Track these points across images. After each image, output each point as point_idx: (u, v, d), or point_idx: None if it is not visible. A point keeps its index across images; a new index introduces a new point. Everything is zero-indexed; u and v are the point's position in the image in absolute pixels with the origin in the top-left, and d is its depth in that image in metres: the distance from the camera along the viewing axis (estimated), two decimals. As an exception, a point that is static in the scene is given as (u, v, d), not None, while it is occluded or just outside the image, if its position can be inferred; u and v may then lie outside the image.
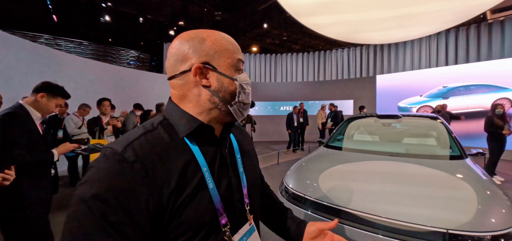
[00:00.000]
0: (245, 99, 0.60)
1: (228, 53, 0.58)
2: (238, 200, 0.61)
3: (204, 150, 0.57)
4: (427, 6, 4.80)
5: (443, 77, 7.95)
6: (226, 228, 0.55)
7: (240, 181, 0.64)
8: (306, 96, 10.64)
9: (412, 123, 3.02)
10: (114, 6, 8.97)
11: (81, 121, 4.16)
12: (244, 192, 0.64)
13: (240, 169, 0.65)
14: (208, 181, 0.54)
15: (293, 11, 5.63)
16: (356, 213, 1.45)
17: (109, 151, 0.47)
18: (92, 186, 0.43)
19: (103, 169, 0.45)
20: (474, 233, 1.20)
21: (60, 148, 1.71)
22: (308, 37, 11.34)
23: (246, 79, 0.60)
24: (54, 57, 5.72)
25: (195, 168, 0.53)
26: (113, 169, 0.45)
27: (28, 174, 1.47)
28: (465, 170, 1.86)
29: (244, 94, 0.59)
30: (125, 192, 0.43)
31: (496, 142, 4.52)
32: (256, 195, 0.70)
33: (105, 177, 0.44)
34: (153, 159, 0.48)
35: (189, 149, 0.54)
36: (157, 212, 0.46)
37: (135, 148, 0.48)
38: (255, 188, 0.70)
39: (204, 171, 0.54)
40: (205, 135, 0.58)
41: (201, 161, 0.54)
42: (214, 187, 0.54)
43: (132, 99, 7.33)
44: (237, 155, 0.66)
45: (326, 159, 2.42)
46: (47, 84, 1.65)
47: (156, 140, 0.52)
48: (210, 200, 0.53)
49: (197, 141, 0.56)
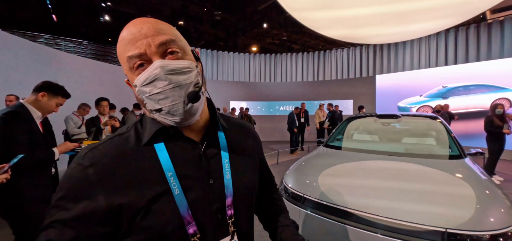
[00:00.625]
0: (153, 105, 0.48)
1: (121, 58, 0.49)
2: (216, 210, 0.54)
3: (174, 153, 0.52)
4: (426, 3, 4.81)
5: (443, 77, 7.96)
6: (194, 238, 0.49)
7: (224, 189, 0.56)
8: (306, 96, 10.64)
9: (411, 122, 3.03)
10: (114, 6, 8.97)
11: (80, 121, 4.15)
12: (228, 201, 0.56)
13: (226, 176, 0.57)
14: (173, 187, 0.49)
15: (292, 9, 5.63)
16: (355, 213, 1.45)
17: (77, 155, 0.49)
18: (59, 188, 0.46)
19: (67, 172, 0.47)
20: (473, 232, 1.20)
21: (60, 146, 1.72)
22: (308, 37, 11.35)
23: (146, 78, 0.46)
24: (53, 57, 5.72)
25: (159, 173, 0.49)
26: (70, 173, 0.46)
27: (29, 172, 1.48)
28: (464, 170, 1.86)
29: (150, 99, 0.47)
30: (76, 195, 0.44)
31: (496, 141, 4.53)
32: (246, 205, 0.61)
33: (65, 181, 0.46)
34: (108, 165, 0.47)
35: (154, 153, 0.50)
36: (109, 217, 0.45)
37: (95, 153, 0.47)
38: (245, 197, 0.60)
39: (169, 176, 0.49)
40: (175, 137, 0.53)
41: (166, 166, 0.49)
42: (181, 193, 0.49)
43: (132, 99, 7.33)
44: (223, 160, 0.58)
45: (325, 158, 2.43)
46: (48, 84, 1.65)
47: (121, 144, 0.50)
48: (175, 207, 0.48)
49: (167, 143, 0.52)
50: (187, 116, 0.50)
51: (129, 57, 0.47)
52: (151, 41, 0.46)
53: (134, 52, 0.46)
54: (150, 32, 0.47)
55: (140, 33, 0.46)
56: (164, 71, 0.45)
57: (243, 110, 8.64)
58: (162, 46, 0.47)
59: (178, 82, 0.47)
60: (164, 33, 0.48)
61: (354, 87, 10.19)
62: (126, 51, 0.47)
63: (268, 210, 0.78)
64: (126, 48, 0.47)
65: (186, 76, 0.48)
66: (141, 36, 0.46)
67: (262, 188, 0.75)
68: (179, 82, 0.47)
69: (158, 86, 0.46)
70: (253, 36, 11.68)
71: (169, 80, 0.46)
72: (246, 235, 0.61)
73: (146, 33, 0.47)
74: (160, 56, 0.47)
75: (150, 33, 0.47)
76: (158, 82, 0.46)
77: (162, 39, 0.47)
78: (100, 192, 0.44)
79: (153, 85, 0.46)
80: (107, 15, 9.79)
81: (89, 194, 0.44)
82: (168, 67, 0.46)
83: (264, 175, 0.76)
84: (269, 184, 0.81)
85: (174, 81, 0.46)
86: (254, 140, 0.71)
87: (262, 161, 0.76)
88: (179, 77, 0.47)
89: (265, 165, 0.78)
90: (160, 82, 0.46)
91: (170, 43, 0.48)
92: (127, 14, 9.56)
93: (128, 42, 0.47)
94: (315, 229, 1.60)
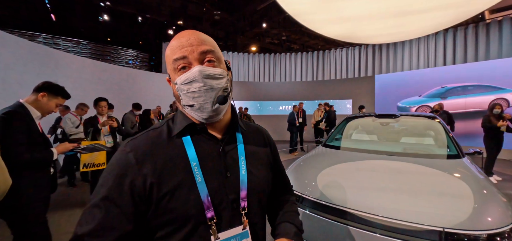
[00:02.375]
0: (188, 101, 0.57)
1: (168, 60, 0.59)
2: (232, 201, 0.60)
3: (199, 147, 0.60)
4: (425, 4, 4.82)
5: (442, 77, 7.98)
6: (212, 222, 0.56)
7: (239, 182, 0.62)
8: (305, 96, 10.65)
9: (410, 122, 3.04)
10: (113, 6, 8.94)
11: (78, 120, 4.14)
12: (242, 194, 0.62)
13: (242, 171, 0.63)
14: (196, 175, 0.56)
15: (292, 10, 5.63)
16: (354, 212, 1.46)
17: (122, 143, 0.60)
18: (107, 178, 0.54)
19: (113, 158, 0.56)
20: (470, 231, 1.21)
21: (59, 147, 1.72)
22: (307, 36, 11.36)
23: (186, 78, 0.56)
24: (52, 57, 5.70)
25: (185, 162, 0.57)
26: (115, 158, 0.56)
27: (27, 172, 1.47)
28: (462, 169, 1.87)
29: (186, 96, 0.57)
30: (119, 176, 0.53)
31: (493, 140, 4.55)
32: (258, 201, 0.66)
33: (111, 163, 0.56)
34: (145, 151, 0.56)
35: (182, 144, 0.59)
36: (142, 195, 0.53)
37: (135, 142, 0.58)
38: (258, 194, 0.66)
39: (193, 165, 0.57)
40: (201, 133, 0.62)
41: (191, 156, 0.58)
42: (203, 181, 0.57)
43: (131, 98, 7.31)
44: (240, 157, 0.65)
45: (324, 158, 2.43)
46: (48, 84, 1.65)
47: (155, 136, 0.60)
48: (197, 193, 0.55)
49: (193, 138, 0.61)
50: (213, 115, 0.59)
51: (175, 59, 0.57)
52: (195, 49, 0.56)
53: (179, 55, 0.56)
54: (195, 42, 0.57)
55: (187, 42, 0.57)
56: (201, 75, 0.55)
57: (242, 109, 8.64)
58: (202, 54, 0.57)
59: (211, 85, 0.57)
60: (206, 44, 0.58)
61: (354, 87, 10.21)
62: (173, 55, 0.57)
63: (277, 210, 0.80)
64: (174, 52, 0.57)
65: (218, 81, 0.58)
66: (187, 44, 0.57)
67: (275, 190, 0.79)
68: (212, 85, 0.57)
69: (194, 86, 0.56)
70: (252, 36, 11.68)
71: (204, 83, 0.56)
72: (257, 227, 0.66)
73: (191, 42, 0.57)
74: (199, 63, 0.57)
75: (194, 43, 0.57)
76: (195, 83, 0.56)
77: (203, 49, 0.57)
78: (138, 172, 0.54)
79: (190, 84, 0.56)
80: (106, 15, 9.76)
81: (130, 173, 0.53)
82: (205, 72, 0.56)
83: (278, 178, 0.80)
84: (283, 187, 0.84)
85: (208, 84, 0.56)
86: (269, 144, 0.78)
87: (277, 165, 0.80)
88: (212, 81, 0.57)
89: (279, 169, 0.82)
90: (196, 83, 0.55)
91: (209, 53, 0.58)
92: (126, 13, 9.53)
93: (176, 48, 0.57)
94: (314, 228, 1.60)
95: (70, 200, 3.60)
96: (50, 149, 1.63)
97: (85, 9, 9.30)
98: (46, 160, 1.57)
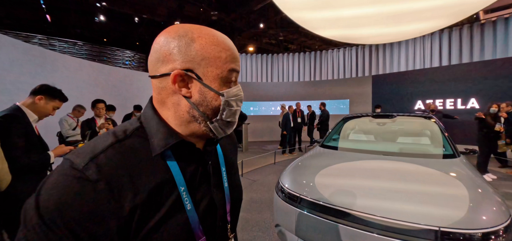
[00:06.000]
0: (229, 117, 0.52)
1: (218, 63, 0.48)
2: (220, 218, 0.57)
3: (183, 166, 0.50)
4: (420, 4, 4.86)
5: (438, 77, 8.06)
6: None
7: (224, 197, 0.59)
8: (303, 96, 10.68)
9: (406, 122, 3.07)
10: (109, 6, 8.89)
11: (75, 122, 4.11)
12: (227, 208, 0.59)
13: (225, 183, 0.60)
14: (185, 202, 0.48)
15: (288, 9, 5.64)
16: (351, 212, 1.47)
17: (68, 165, 0.40)
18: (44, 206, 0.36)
19: (59, 187, 0.37)
20: (465, 230, 1.23)
21: (56, 150, 1.70)
22: (304, 37, 11.39)
23: (237, 94, 0.51)
24: (48, 58, 5.65)
25: (171, 188, 0.47)
26: (70, 190, 0.37)
27: (24, 176, 1.46)
28: (458, 169, 1.90)
29: (230, 111, 0.51)
30: (83, 219, 0.37)
31: (486, 139, 4.59)
32: (237, 211, 0.66)
33: (61, 198, 0.36)
34: (121, 177, 0.41)
35: (166, 165, 0.48)
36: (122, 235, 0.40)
37: (100, 163, 0.41)
38: (237, 203, 0.65)
39: (181, 191, 0.48)
40: (185, 148, 0.51)
41: (178, 180, 0.48)
42: (192, 208, 0.49)
43: (128, 100, 7.28)
44: (222, 168, 0.61)
45: (321, 158, 2.44)
46: (45, 87, 1.64)
47: (127, 153, 0.44)
48: (187, 222, 0.48)
49: (175, 155, 0.50)
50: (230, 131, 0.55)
51: (233, 70, 0.51)
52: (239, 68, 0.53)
53: (236, 67, 0.51)
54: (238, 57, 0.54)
55: (237, 55, 0.53)
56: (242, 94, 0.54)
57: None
58: None
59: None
60: None
61: (351, 87, 10.26)
62: (231, 64, 0.50)
63: None
64: (231, 61, 0.50)
65: None
66: (238, 57, 0.53)
67: None
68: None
69: (238, 104, 0.53)
70: (250, 36, 11.68)
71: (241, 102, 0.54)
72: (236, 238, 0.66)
73: (238, 57, 0.53)
74: None
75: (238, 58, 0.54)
76: (239, 102, 0.53)
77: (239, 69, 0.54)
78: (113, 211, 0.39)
79: (237, 101, 0.52)
80: (102, 15, 9.70)
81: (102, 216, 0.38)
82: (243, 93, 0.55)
83: None
84: None
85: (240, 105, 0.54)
86: (235, 147, 0.75)
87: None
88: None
89: None
90: (240, 102, 0.54)
91: None
92: (122, 14, 9.48)
93: (233, 58, 0.51)
94: (312, 229, 1.61)
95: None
96: (47, 152, 1.62)
97: (81, 9, 9.23)
98: (43, 163, 1.56)
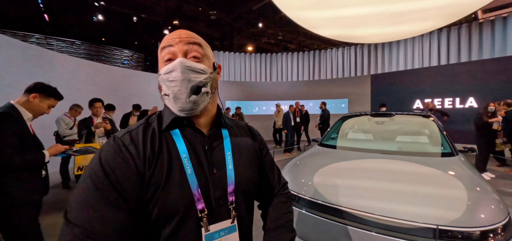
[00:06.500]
0: (165, 90, 0.59)
1: (159, 53, 0.61)
2: (218, 197, 0.61)
3: (189, 141, 0.62)
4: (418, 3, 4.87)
5: (437, 76, 8.06)
6: (202, 214, 0.57)
7: (226, 178, 0.63)
8: (302, 95, 10.68)
9: (404, 121, 3.06)
10: (107, 5, 8.85)
11: (72, 122, 4.09)
12: (230, 189, 0.63)
13: (229, 166, 0.65)
14: (186, 167, 0.58)
15: (286, 8, 5.64)
16: (350, 211, 1.46)
17: (113, 137, 0.58)
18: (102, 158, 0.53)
19: (108, 149, 0.55)
20: (464, 228, 1.22)
21: (51, 148, 1.68)
22: (303, 36, 11.39)
23: (167, 69, 0.57)
24: (45, 57, 5.61)
25: (176, 154, 0.59)
26: (113, 150, 0.55)
27: (18, 175, 1.45)
28: (456, 167, 1.89)
29: (164, 85, 0.59)
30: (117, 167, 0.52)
31: (484, 138, 4.60)
32: (244, 196, 0.67)
33: (107, 155, 0.54)
34: (138, 139, 0.57)
35: (172, 138, 0.61)
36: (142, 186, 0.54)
37: (132, 135, 0.58)
38: (244, 188, 0.67)
39: (183, 157, 0.58)
40: (189, 127, 0.64)
41: (181, 149, 0.59)
42: (193, 173, 0.58)
43: (126, 99, 7.25)
44: (226, 152, 0.66)
45: (320, 157, 2.44)
46: (40, 85, 1.62)
47: (148, 130, 0.61)
48: (186, 182, 0.57)
49: (182, 132, 0.62)
50: (188, 106, 0.59)
51: (162, 47, 0.60)
52: (182, 40, 0.59)
53: (166, 43, 0.59)
54: (183, 34, 0.60)
55: (176, 34, 0.60)
56: (181, 66, 0.56)
57: (239, 111, 8.65)
58: (188, 45, 0.59)
59: (189, 77, 0.57)
60: (195, 39, 0.61)
61: (349, 86, 10.27)
62: (161, 45, 0.60)
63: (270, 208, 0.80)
64: (161, 44, 0.60)
65: (197, 76, 0.58)
66: (176, 36, 0.60)
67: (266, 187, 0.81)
68: (189, 78, 0.57)
69: (173, 75, 0.57)
70: (249, 35, 11.67)
71: (182, 73, 0.56)
72: (244, 222, 0.67)
73: (180, 34, 0.60)
74: (184, 56, 0.59)
75: (183, 35, 0.60)
76: (174, 73, 0.56)
77: (190, 40, 0.60)
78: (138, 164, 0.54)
79: (170, 74, 0.57)
80: (100, 15, 9.66)
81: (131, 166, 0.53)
82: (186, 63, 0.57)
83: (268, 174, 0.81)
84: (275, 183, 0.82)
85: (186, 76, 0.57)
86: (257, 141, 0.79)
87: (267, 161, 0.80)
88: (191, 74, 0.58)
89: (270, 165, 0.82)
90: (175, 73, 0.56)
91: (195, 46, 0.60)
92: (120, 13, 9.45)
93: (165, 39, 0.60)
94: (310, 228, 1.60)
95: (64, 203, 3.55)
96: (42, 151, 1.60)
97: (79, 8, 9.19)
98: (38, 162, 1.54)
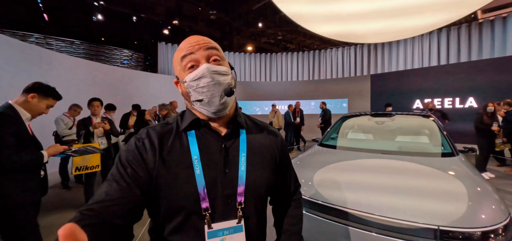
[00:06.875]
0: (197, 96, 0.62)
1: (177, 61, 0.64)
2: (227, 196, 0.62)
3: (202, 142, 0.65)
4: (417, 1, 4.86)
5: (436, 76, 8.06)
6: (206, 213, 0.59)
7: (237, 179, 0.64)
8: (301, 95, 10.67)
9: (405, 121, 3.06)
10: (107, 5, 8.84)
11: (71, 122, 4.08)
12: (239, 189, 0.63)
13: (241, 167, 0.65)
14: (195, 168, 0.61)
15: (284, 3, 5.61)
16: (350, 211, 1.46)
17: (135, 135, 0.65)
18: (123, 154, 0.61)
19: (129, 143, 0.63)
20: (465, 229, 1.22)
21: (50, 149, 1.68)
22: (303, 36, 11.38)
23: (194, 76, 0.60)
24: (44, 57, 5.60)
25: (188, 154, 0.62)
26: (133, 144, 0.62)
27: (17, 175, 1.44)
28: (456, 167, 1.89)
29: (195, 92, 0.62)
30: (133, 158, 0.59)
31: (485, 138, 4.60)
32: (255, 198, 0.67)
33: (127, 148, 0.62)
34: (156, 140, 0.62)
35: (187, 138, 0.64)
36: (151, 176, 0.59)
37: (149, 132, 0.64)
38: (256, 191, 0.66)
39: (194, 159, 0.62)
40: (205, 128, 0.66)
41: (193, 150, 0.63)
42: (201, 173, 0.61)
43: (126, 99, 7.23)
44: (241, 153, 0.67)
45: (320, 157, 2.43)
46: (38, 85, 1.61)
47: (165, 129, 0.66)
48: (194, 182, 0.59)
49: (197, 132, 0.66)
50: (221, 108, 0.63)
51: (183, 56, 0.62)
52: (202, 46, 0.62)
53: (187, 51, 0.62)
54: (201, 41, 0.63)
55: (194, 41, 0.63)
56: (209, 71, 0.60)
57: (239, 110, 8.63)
58: (208, 50, 0.62)
59: (218, 80, 0.61)
60: (212, 44, 0.65)
61: (349, 86, 10.27)
62: (181, 53, 0.63)
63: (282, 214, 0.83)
64: (181, 52, 0.63)
65: (224, 78, 0.63)
66: (194, 42, 0.63)
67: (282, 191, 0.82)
68: (219, 81, 0.61)
69: (203, 81, 0.60)
70: (248, 35, 11.66)
71: (212, 78, 0.60)
72: (253, 224, 0.67)
73: (198, 41, 0.63)
74: (206, 61, 0.62)
75: (201, 41, 0.63)
76: (204, 79, 0.60)
77: (209, 45, 0.63)
78: (149, 156, 0.60)
79: (199, 80, 0.60)
80: (100, 14, 9.64)
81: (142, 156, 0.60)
82: (212, 68, 0.61)
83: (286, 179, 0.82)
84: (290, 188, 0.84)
85: (216, 80, 0.61)
86: (277, 144, 0.77)
87: (285, 165, 0.81)
88: (219, 77, 0.62)
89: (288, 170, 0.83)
90: (205, 79, 0.60)
91: (214, 50, 0.64)
92: (120, 13, 9.43)
93: (184, 48, 0.63)
94: (310, 228, 1.60)
95: (63, 203, 3.54)
96: (41, 151, 1.60)
97: (79, 8, 9.17)
98: (36, 162, 1.54)
